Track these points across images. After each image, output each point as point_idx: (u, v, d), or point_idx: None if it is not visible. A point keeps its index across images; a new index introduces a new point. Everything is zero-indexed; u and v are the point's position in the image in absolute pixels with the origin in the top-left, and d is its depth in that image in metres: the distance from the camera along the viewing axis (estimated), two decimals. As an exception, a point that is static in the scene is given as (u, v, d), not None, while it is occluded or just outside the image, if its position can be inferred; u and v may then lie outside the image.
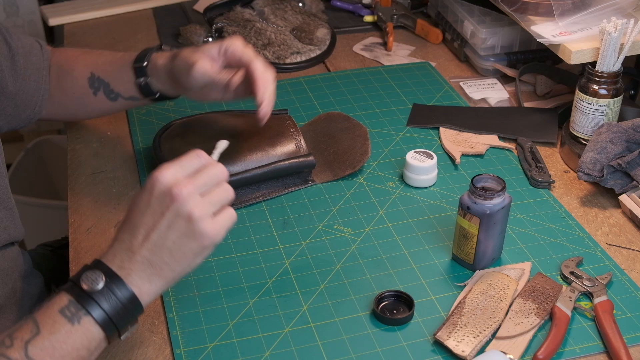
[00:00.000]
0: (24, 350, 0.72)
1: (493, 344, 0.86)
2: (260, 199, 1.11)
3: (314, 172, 1.16)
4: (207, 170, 0.80)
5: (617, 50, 1.14)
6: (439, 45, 1.61)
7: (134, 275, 0.77)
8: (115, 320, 0.75)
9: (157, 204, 0.77)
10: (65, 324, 0.74)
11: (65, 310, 0.75)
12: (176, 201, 0.77)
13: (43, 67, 1.14)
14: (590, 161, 1.10)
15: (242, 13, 1.58)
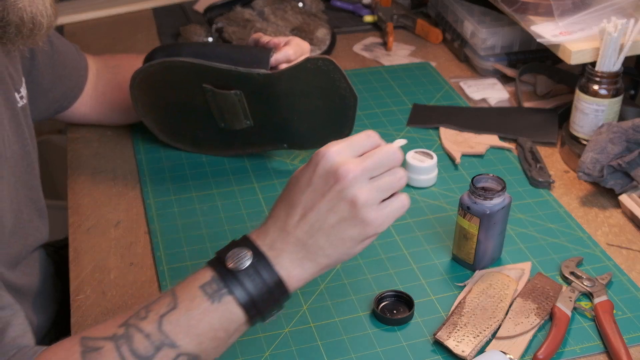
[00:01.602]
0: (158, 324, 0.69)
1: (493, 344, 0.86)
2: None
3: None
4: (379, 153, 0.74)
5: (617, 50, 1.14)
6: (439, 45, 1.61)
7: (284, 257, 0.72)
8: (258, 303, 0.70)
9: (320, 183, 0.71)
10: (205, 301, 0.70)
11: (207, 287, 0.70)
12: (341, 182, 0.70)
13: (81, 67, 1.19)
14: (590, 161, 1.10)
15: (242, 13, 1.58)
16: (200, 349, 0.70)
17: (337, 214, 0.71)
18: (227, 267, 0.71)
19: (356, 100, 1.10)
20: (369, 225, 0.71)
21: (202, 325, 0.69)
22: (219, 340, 0.71)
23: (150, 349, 0.68)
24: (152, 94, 1.15)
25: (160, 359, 0.68)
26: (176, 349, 0.68)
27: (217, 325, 0.70)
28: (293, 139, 1.17)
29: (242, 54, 1.10)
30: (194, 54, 1.10)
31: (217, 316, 0.70)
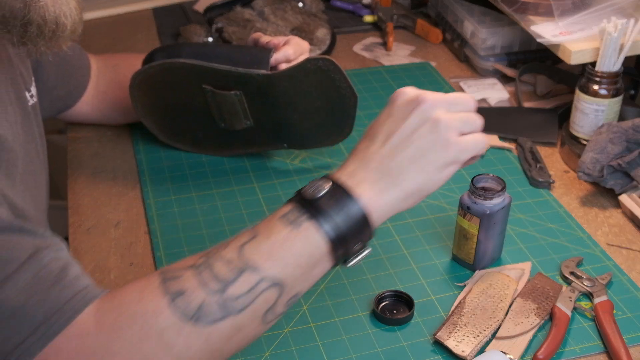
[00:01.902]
0: (239, 251, 0.68)
1: (493, 344, 0.86)
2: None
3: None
4: (455, 95, 0.75)
5: (617, 50, 1.14)
6: (439, 45, 1.61)
7: (365, 184, 0.71)
8: (339, 229, 0.69)
9: (401, 111, 0.73)
10: (285, 228, 0.69)
11: (286, 217, 0.70)
12: (423, 104, 0.72)
13: (84, 65, 1.19)
14: (590, 161, 1.10)
15: (242, 13, 1.58)
16: (284, 275, 0.68)
17: (420, 134, 0.72)
18: (305, 197, 0.71)
19: (356, 100, 1.11)
20: (451, 148, 0.72)
21: (284, 250, 0.68)
22: (303, 268, 0.69)
23: (232, 273, 0.67)
24: (152, 95, 1.15)
25: (243, 283, 0.67)
26: (259, 273, 0.67)
27: (300, 251, 0.69)
28: (293, 138, 1.17)
29: (241, 55, 1.11)
30: (193, 55, 1.10)
31: (298, 242, 0.69)
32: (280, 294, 0.68)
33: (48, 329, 0.63)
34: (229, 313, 0.66)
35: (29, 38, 0.81)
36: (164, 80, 1.13)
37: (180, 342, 0.64)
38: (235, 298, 0.66)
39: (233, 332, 0.67)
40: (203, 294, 0.66)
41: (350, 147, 1.22)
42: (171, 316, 0.65)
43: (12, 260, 0.64)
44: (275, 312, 0.69)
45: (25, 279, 0.64)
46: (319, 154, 1.23)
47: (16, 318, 0.62)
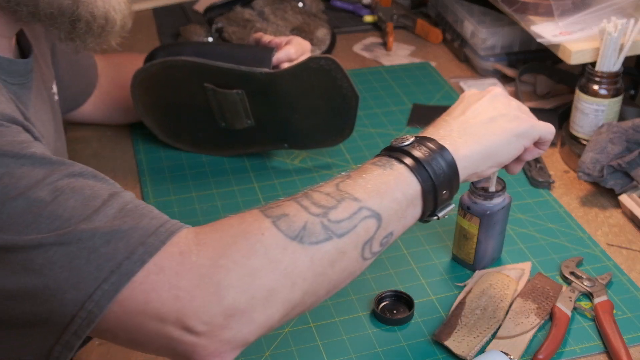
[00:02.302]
0: (335, 186, 0.70)
1: (493, 344, 0.86)
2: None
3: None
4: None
5: (617, 50, 1.14)
6: (439, 45, 1.61)
7: (448, 137, 0.76)
8: (429, 170, 0.72)
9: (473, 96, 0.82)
10: (377, 170, 0.72)
11: (376, 162, 0.74)
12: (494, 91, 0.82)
13: (92, 64, 1.19)
14: (590, 161, 1.10)
15: (242, 13, 1.58)
16: (382, 207, 0.70)
17: (494, 106, 0.80)
18: (392, 147, 0.75)
19: (358, 100, 1.11)
20: (523, 121, 0.80)
21: (378, 184, 0.71)
22: (398, 204, 0.71)
23: (333, 201, 0.68)
24: (153, 94, 1.15)
25: (344, 209, 0.68)
26: (359, 202, 0.69)
27: (394, 186, 0.71)
28: (294, 138, 1.17)
29: (244, 53, 1.11)
30: (195, 53, 1.10)
31: (392, 179, 0.72)
32: (378, 226, 0.70)
33: (144, 251, 0.61)
34: (332, 235, 0.66)
35: (77, 34, 0.81)
36: (165, 79, 1.13)
37: (286, 259, 0.64)
38: (337, 221, 0.67)
39: (336, 255, 0.67)
40: (306, 216, 0.67)
41: (350, 147, 1.23)
42: (276, 234, 0.65)
43: (96, 197, 0.64)
44: (372, 248, 0.70)
45: (113, 211, 0.63)
46: (319, 154, 1.23)
47: (111, 244, 0.61)
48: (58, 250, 0.60)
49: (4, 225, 0.60)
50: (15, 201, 0.61)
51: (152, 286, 0.61)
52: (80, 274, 0.60)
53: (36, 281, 0.60)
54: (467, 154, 0.76)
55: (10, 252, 0.60)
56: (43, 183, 0.62)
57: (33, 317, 0.61)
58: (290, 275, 0.64)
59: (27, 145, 0.66)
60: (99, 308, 0.60)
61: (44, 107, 0.92)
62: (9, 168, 0.62)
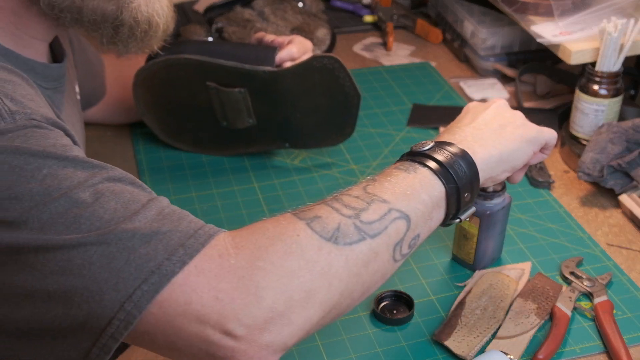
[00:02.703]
0: (363, 189, 0.71)
1: (493, 344, 0.86)
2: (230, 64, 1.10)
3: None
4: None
5: (617, 50, 1.14)
6: (439, 45, 1.61)
7: (465, 142, 0.78)
8: (451, 172, 0.74)
9: (479, 107, 0.85)
10: (401, 173, 0.74)
11: (400, 166, 0.75)
12: (499, 101, 0.85)
13: (102, 64, 1.19)
14: (590, 161, 1.10)
15: (242, 13, 1.58)
16: (410, 209, 0.71)
17: (502, 117, 0.83)
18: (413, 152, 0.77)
19: (359, 99, 1.11)
20: (531, 127, 0.84)
21: (405, 186, 0.72)
22: (424, 205, 0.73)
23: (362, 203, 0.70)
24: (155, 92, 1.15)
25: (374, 210, 0.69)
26: (388, 204, 0.70)
27: (419, 188, 0.73)
28: (295, 137, 1.17)
29: (246, 52, 1.11)
30: (198, 52, 1.10)
31: (417, 182, 0.73)
32: (408, 228, 0.71)
33: (184, 253, 0.61)
34: (365, 236, 0.67)
35: (119, 39, 0.81)
36: (167, 77, 1.13)
37: (322, 260, 0.64)
38: (369, 222, 0.68)
39: (370, 256, 0.68)
40: (338, 218, 0.67)
41: (350, 147, 1.23)
42: (311, 236, 0.65)
43: (134, 201, 0.64)
44: (402, 249, 0.71)
45: (153, 214, 0.63)
46: (319, 154, 1.23)
47: (150, 245, 0.61)
48: (97, 251, 0.60)
49: (45, 225, 0.60)
50: (57, 201, 0.61)
51: (193, 287, 0.61)
52: (119, 275, 0.60)
53: (75, 282, 0.60)
54: (485, 158, 0.78)
55: (51, 252, 0.60)
56: (85, 185, 0.63)
57: (69, 320, 0.60)
58: (326, 276, 0.64)
59: (70, 148, 0.66)
60: (137, 309, 0.59)
61: (74, 109, 0.93)
62: (52, 169, 0.62)
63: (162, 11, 0.82)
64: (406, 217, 0.71)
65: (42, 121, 0.67)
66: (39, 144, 0.64)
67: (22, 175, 0.61)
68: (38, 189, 0.61)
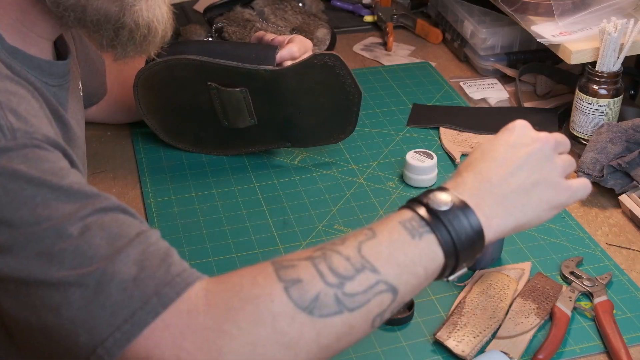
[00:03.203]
0: (357, 249, 0.66)
1: (493, 344, 0.86)
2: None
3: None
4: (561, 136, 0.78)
5: (617, 50, 1.14)
6: (439, 45, 1.61)
7: (484, 205, 0.70)
8: (458, 246, 0.68)
9: (522, 142, 0.74)
10: (405, 236, 0.67)
11: (407, 223, 0.68)
12: (544, 143, 0.75)
13: (103, 63, 1.19)
14: (590, 161, 1.10)
15: (242, 13, 1.58)
16: (400, 282, 0.66)
17: (539, 173, 0.73)
18: (427, 206, 0.69)
19: (361, 97, 1.11)
20: (564, 192, 0.75)
21: (402, 256, 0.67)
22: (418, 278, 0.68)
23: (351, 270, 0.65)
24: (155, 93, 1.15)
25: (361, 282, 0.65)
26: (377, 275, 0.65)
27: (417, 260, 0.67)
28: (296, 136, 1.17)
29: (247, 51, 1.11)
30: (199, 52, 1.10)
31: (417, 252, 0.67)
32: (392, 300, 0.66)
33: (158, 303, 0.61)
34: (344, 309, 0.64)
35: (119, 42, 0.82)
36: (168, 78, 1.13)
37: (293, 331, 0.62)
38: (352, 295, 0.64)
39: (345, 330, 0.64)
40: (320, 285, 0.64)
41: (350, 147, 1.23)
42: (286, 303, 0.62)
43: (122, 236, 0.64)
44: (382, 318, 0.67)
45: (135, 254, 0.63)
46: (319, 154, 1.23)
47: (127, 291, 0.61)
48: (76, 292, 0.60)
49: (30, 256, 0.61)
50: (45, 232, 0.62)
51: (156, 342, 0.61)
52: (95, 319, 0.60)
53: (54, 319, 0.61)
54: (498, 229, 0.72)
55: (32, 287, 0.61)
56: (75, 217, 0.63)
57: (53, 350, 0.62)
58: (294, 348, 0.62)
59: (66, 172, 0.66)
60: (109, 356, 0.60)
61: (78, 106, 0.93)
62: (45, 198, 0.63)
63: (162, 18, 0.83)
64: (393, 291, 0.66)
65: (43, 141, 0.67)
66: (37, 167, 0.64)
67: (15, 200, 0.62)
68: (28, 216, 0.62)
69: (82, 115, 0.96)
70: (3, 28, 0.76)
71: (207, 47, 1.13)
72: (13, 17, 0.77)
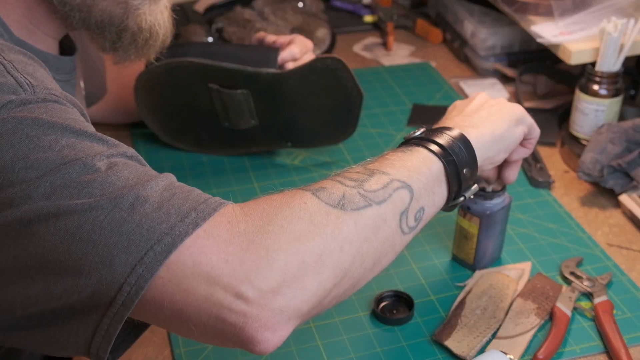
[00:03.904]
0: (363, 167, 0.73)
1: (493, 344, 0.86)
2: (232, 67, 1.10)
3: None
4: None
5: (617, 50, 1.14)
6: (439, 45, 1.61)
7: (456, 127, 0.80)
8: (446, 148, 0.76)
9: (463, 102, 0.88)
10: (397, 153, 0.75)
11: (395, 150, 0.76)
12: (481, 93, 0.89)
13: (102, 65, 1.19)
14: (590, 161, 1.10)
15: (242, 13, 1.58)
16: (410, 179, 0.72)
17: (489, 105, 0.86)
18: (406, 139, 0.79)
19: (362, 98, 1.11)
20: (517, 107, 0.87)
21: (403, 161, 0.73)
22: (425, 176, 0.73)
23: (364, 175, 0.71)
24: (156, 95, 1.15)
25: (377, 180, 0.70)
26: (388, 175, 0.71)
27: (417, 162, 0.74)
28: (297, 137, 1.17)
29: (249, 53, 1.11)
30: (201, 54, 1.10)
31: (414, 157, 0.75)
32: (411, 197, 0.71)
33: (197, 216, 0.61)
34: (371, 202, 0.68)
35: (121, 45, 0.83)
36: (169, 80, 1.13)
37: (331, 223, 0.64)
38: (373, 191, 0.69)
39: (378, 222, 0.68)
40: (342, 188, 0.68)
41: (350, 147, 1.23)
42: (317, 203, 0.66)
43: (146, 174, 0.64)
44: (408, 221, 0.71)
45: (164, 184, 0.63)
46: (319, 154, 1.23)
47: (163, 209, 0.60)
48: (108, 215, 0.59)
49: (57, 189, 0.60)
50: (71, 167, 0.61)
51: (202, 250, 0.59)
52: (130, 237, 0.58)
53: (85, 248, 0.58)
54: (478, 136, 0.80)
55: (61, 220, 0.59)
56: (101, 155, 0.63)
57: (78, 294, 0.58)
58: (337, 239, 0.64)
59: (87, 124, 0.67)
60: (149, 271, 0.58)
61: (82, 103, 0.94)
62: (69, 141, 0.63)
63: (164, 23, 0.84)
64: (408, 187, 0.71)
65: (62, 98, 0.68)
66: (59, 115, 0.64)
67: (39, 144, 0.61)
68: (54, 157, 0.61)
69: (86, 114, 0.96)
70: (10, 23, 0.77)
71: (209, 49, 1.13)
72: (20, 14, 0.78)
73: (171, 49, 1.11)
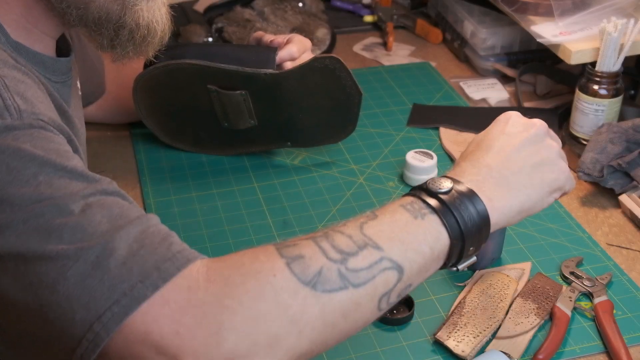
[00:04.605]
0: (359, 228, 0.66)
1: (493, 344, 0.86)
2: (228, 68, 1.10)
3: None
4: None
5: (617, 50, 1.14)
6: (439, 45, 1.61)
7: (485, 188, 0.71)
8: (462, 225, 0.68)
9: (515, 129, 0.77)
10: (407, 216, 0.68)
11: (408, 206, 0.69)
12: (540, 129, 0.77)
13: (102, 62, 1.19)
14: (590, 161, 1.10)
15: (242, 13, 1.58)
16: (404, 260, 0.66)
17: (538, 155, 0.76)
18: (427, 189, 0.70)
19: (361, 97, 1.11)
20: (562, 174, 0.77)
21: (405, 234, 0.66)
22: (423, 256, 0.67)
23: (353, 247, 0.64)
24: (155, 96, 1.15)
25: (365, 258, 0.64)
26: (381, 252, 0.65)
27: (421, 238, 0.67)
28: (297, 137, 1.17)
29: (247, 54, 1.11)
30: (199, 56, 1.10)
31: (421, 230, 0.67)
32: (398, 279, 0.65)
33: (158, 277, 0.59)
34: (348, 285, 0.62)
35: (119, 42, 0.83)
36: (167, 82, 1.13)
37: (296, 305, 0.60)
38: (355, 270, 0.63)
39: (350, 307, 0.63)
40: (323, 260, 0.63)
41: (350, 147, 1.23)
42: (288, 278, 0.61)
43: (122, 217, 0.63)
44: (389, 299, 0.66)
45: (136, 232, 0.62)
46: (318, 154, 1.23)
47: (126, 266, 0.59)
48: (73, 267, 0.59)
49: (28, 230, 0.60)
50: (45, 208, 0.61)
51: (154, 318, 0.59)
52: (92, 293, 0.59)
53: (49, 297, 0.59)
54: (502, 210, 0.72)
55: (29, 263, 0.60)
56: (76, 196, 0.62)
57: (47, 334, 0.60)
58: (298, 323, 0.60)
59: (70, 156, 0.66)
60: (106, 332, 0.58)
61: (79, 104, 0.94)
62: (48, 177, 0.62)
63: (161, 20, 0.84)
64: (398, 268, 0.65)
65: (49, 123, 0.67)
66: (42, 146, 0.64)
67: (17, 178, 0.61)
68: (30, 194, 0.61)
69: (82, 114, 0.97)
70: (7, 24, 0.77)
71: (207, 51, 1.13)
72: (17, 13, 0.78)
73: (169, 51, 1.11)
